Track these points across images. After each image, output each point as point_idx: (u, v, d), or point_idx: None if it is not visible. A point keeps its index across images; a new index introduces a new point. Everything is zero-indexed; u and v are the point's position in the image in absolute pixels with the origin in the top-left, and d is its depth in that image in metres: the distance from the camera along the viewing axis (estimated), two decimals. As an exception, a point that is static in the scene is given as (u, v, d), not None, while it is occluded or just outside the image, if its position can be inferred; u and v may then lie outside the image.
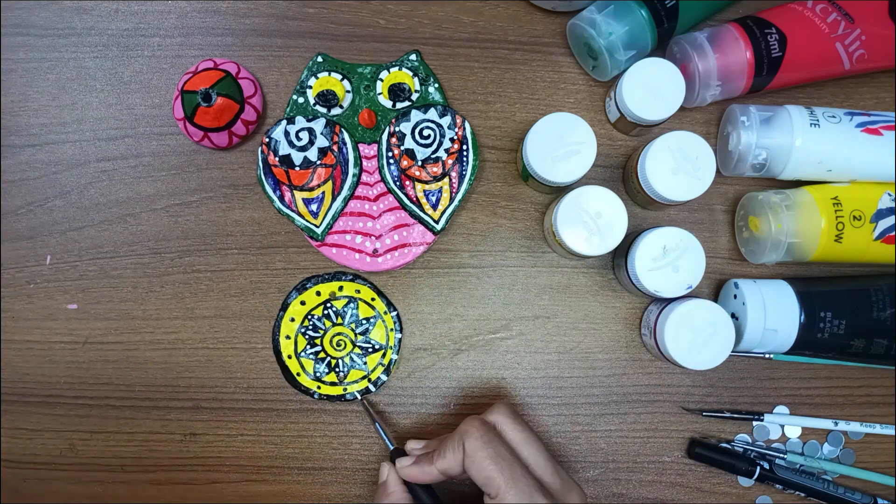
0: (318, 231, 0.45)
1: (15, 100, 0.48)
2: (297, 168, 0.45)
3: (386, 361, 0.46)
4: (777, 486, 0.46)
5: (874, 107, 0.49)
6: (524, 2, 0.49)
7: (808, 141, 0.43)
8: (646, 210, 0.47)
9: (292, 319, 0.46)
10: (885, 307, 0.43)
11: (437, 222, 0.46)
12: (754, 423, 0.47)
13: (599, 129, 0.48)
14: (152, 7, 0.48)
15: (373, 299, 0.46)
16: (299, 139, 0.45)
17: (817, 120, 0.43)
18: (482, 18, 0.49)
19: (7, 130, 0.47)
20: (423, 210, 0.46)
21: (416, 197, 0.46)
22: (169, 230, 0.47)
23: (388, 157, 0.46)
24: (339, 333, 0.46)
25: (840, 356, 0.46)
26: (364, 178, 0.46)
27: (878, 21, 0.44)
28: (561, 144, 0.42)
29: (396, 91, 0.47)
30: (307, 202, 0.45)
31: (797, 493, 0.46)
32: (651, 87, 0.43)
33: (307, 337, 0.46)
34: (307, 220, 0.45)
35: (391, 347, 0.46)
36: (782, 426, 0.47)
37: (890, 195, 0.43)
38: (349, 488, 0.47)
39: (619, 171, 0.48)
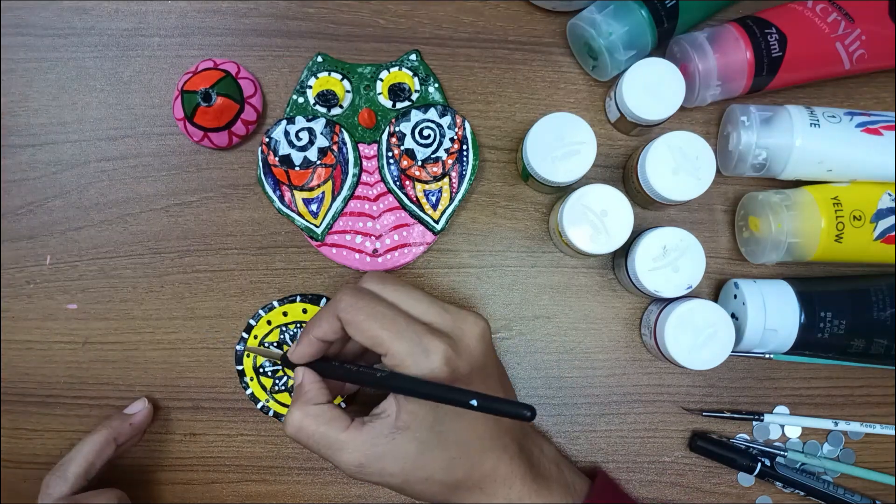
0: (318, 231, 0.45)
1: (15, 100, 0.48)
2: (297, 168, 0.45)
3: None
4: (777, 483, 0.46)
5: (874, 107, 0.49)
6: (524, 2, 0.49)
7: (809, 141, 0.43)
8: (646, 210, 0.47)
9: (255, 336, 0.46)
10: (885, 307, 0.43)
11: (437, 222, 0.46)
12: (754, 423, 0.47)
13: (599, 129, 0.48)
14: (152, 7, 0.48)
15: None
16: (299, 139, 0.45)
17: (817, 120, 0.43)
18: (482, 18, 0.49)
19: (7, 130, 0.47)
20: (423, 210, 0.46)
21: (416, 197, 0.46)
22: (169, 230, 0.47)
23: (388, 157, 0.46)
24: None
25: (840, 356, 0.46)
26: (364, 178, 0.46)
27: (878, 21, 0.44)
28: (561, 144, 0.42)
29: (396, 91, 0.47)
30: (307, 202, 0.45)
31: (797, 491, 0.46)
32: (651, 87, 0.43)
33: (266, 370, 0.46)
34: (307, 220, 0.45)
35: None
36: (782, 426, 0.47)
37: (890, 195, 0.43)
38: (349, 488, 0.47)
39: (619, 171, 0.48)
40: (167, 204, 0.47)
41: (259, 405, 0.45)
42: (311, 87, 0.47)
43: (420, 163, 0.46)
